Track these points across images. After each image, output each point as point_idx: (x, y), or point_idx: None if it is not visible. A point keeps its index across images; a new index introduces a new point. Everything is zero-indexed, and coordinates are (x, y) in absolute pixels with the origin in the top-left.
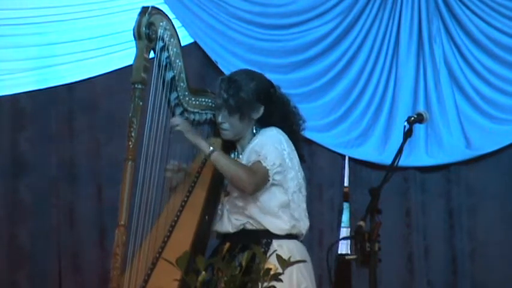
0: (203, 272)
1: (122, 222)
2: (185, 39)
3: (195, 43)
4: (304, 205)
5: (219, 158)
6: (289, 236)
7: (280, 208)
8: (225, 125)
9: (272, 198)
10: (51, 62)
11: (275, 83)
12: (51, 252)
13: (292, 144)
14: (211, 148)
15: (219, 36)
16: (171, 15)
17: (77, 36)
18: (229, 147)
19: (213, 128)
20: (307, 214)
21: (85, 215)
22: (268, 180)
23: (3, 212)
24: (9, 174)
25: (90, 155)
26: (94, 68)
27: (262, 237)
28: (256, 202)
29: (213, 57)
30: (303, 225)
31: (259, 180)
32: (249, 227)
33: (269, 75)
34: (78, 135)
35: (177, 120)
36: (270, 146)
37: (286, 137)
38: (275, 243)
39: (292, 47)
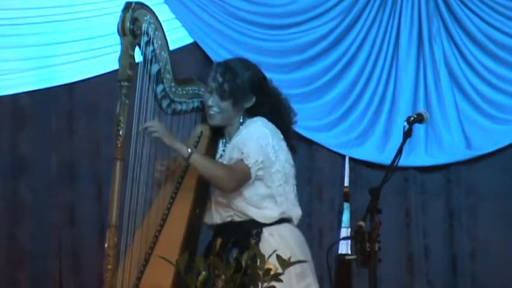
0: (203, 272)
1: (113, 223)
2: (185, 39)
3: (195, 43)
4: (292, 195)
5: (198, 160)
6: (280, 221)
7: (266, 199)
8: (215, 109)
9: (256, 191)
10: (51, 62)
11: (275, 82)
12: (51, 252)
13: (280, 134)
14: (189, 150)
15: (219, 36)
16: (171, 15)
17: (77, 36)
18: (218, 134)
19: (200, 116)
20: (297, 203)
21: (85, 215)
22: (250, 178)
23: (3, 212)
24: (9, 174)
25: (90, 155)
26: (94, 68)
27: (252, 228)
28: (240, 196)
29: (213, 57)
30: (294, 214)
31: (239, 179)
32: (237, 219)
33: (269, 75)
34: (78, 136)
35: (153, 124)
36: (253, 142)
37: (272, 127)
38: (265, 232)
39: (292, 47)
